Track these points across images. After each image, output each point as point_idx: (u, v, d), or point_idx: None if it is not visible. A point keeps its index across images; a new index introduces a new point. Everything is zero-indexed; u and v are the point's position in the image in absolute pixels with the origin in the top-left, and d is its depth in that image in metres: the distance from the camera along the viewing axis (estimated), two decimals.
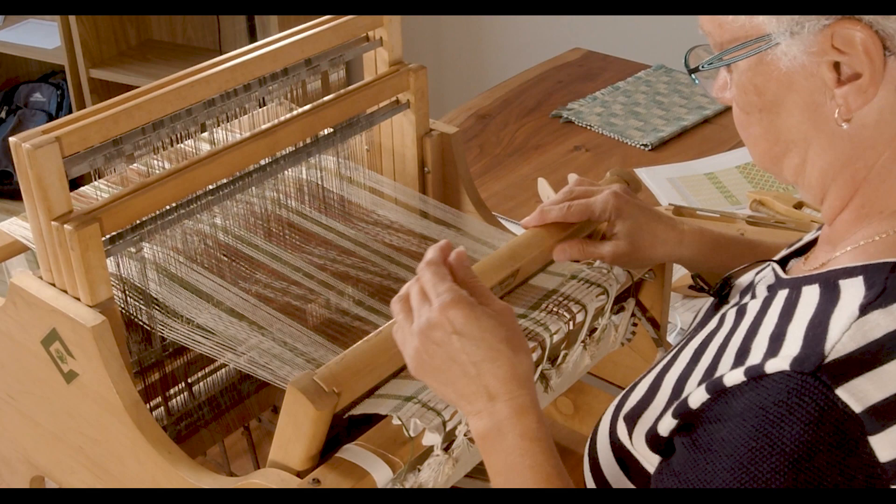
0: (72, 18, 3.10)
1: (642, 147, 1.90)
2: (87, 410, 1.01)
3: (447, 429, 0.95)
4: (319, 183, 1.18)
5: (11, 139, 0.90)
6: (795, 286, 0.74)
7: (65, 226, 0.92)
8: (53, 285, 1.00)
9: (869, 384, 0.65)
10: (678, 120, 1.98)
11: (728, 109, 1.65)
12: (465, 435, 0.98)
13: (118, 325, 0.99)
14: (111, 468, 1.03)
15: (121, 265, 1.01)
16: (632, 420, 0.85)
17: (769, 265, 0.88)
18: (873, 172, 0.75)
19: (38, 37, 3.34)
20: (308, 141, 1.13)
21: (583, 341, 1.10)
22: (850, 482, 0.65)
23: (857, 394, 0.64)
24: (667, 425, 0.78)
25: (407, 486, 0.95)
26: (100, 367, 0.96)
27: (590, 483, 0.92)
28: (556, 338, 1.06)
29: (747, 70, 0.76)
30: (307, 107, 1.13)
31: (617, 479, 0.87)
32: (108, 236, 0.96)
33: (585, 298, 1.08)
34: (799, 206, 1.60)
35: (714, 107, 2.02)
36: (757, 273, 0.91)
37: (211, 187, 1.05)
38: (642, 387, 0.87)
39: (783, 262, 0.88)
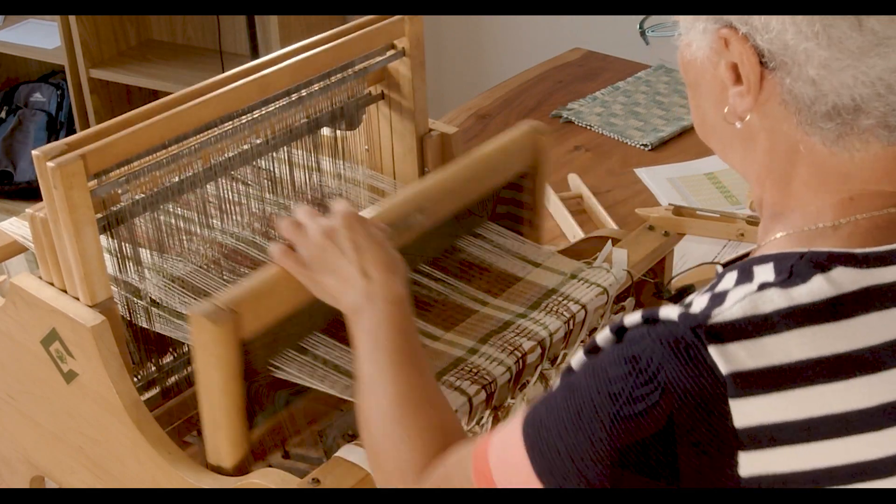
0: (72, 18, 3.10)
1: (642, 147, 1.90)
2: (86, 410, 1.01)
3: None
4: (319, 184, 1.19)
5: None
6: (722, 274, 0.74)
7: (48, 163, 0.90)
8: (53, 285, 1.00)
9: (743, 351, 0.65)
10: (678, 120, 1.98)
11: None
12: None
13: (118, 325, 0.99)
14: (111, 468, 1.03)
15: (120, 269, 1.01)
16: None
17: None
18: (774, 174, 0.76)
19: (38, 37, 3.34)
20: (303, 93, 1.12)
21: (582, 341, 1.10)
22: (696, 434, 0.65)
23: (728, 356, 0.65)
24: None
25: None
26: (99, 366, 0.96)
27: None
28: (555, 337, 1.06)
29: (678, 47, 0.79)
30: (298, 45, 1.12)
31: None
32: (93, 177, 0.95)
33: (585, 298, 1.08)
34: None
35: None
36: None
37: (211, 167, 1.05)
38: None
39: None
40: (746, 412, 0.65)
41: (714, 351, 0.65)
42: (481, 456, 0.76)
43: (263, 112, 1.10)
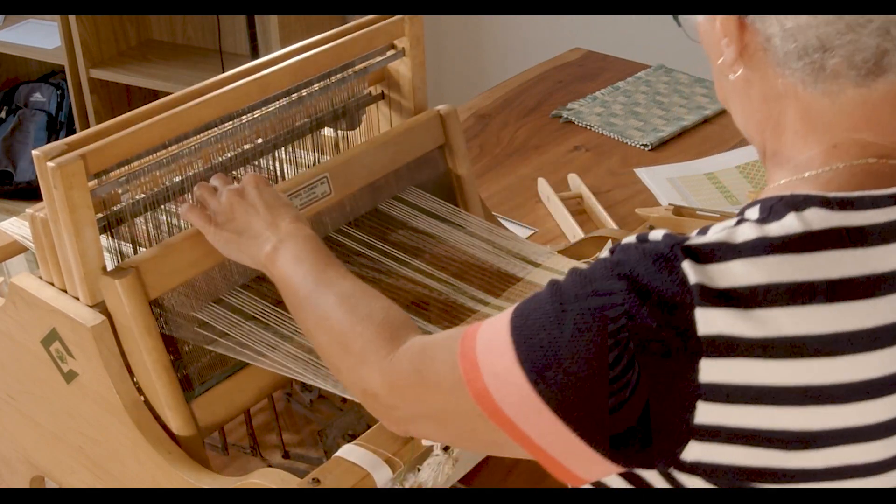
0: (72, 18, 3.10)
1: (642, 147, 1.90)
2: (87, 410, 1.01)
3: None
4: None
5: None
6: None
7: (48, 163, 0.91)
8: (53, 285, 1.00)
9: (712, 271, 0.71)
10: (678, 120, 1.98)
11: (725, 111, 1.65)
12: None
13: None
14: (111, 468, 1.03)
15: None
16: None
17: None
18: (770, 125, 0.81)
19: (38, 37, 3.34)
20: (303, 93, 1.13)
21: None
22: (662, 335, 0.70)
23: (698, 271, 0.70)
24: None
25: (407, 486, 0.95)
26: (100, 366, 0.96)
27: None
28: None
29: (699, 25, 0.84)
30: (298, 45, 1.13)
31: None
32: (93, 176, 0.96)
33: None
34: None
35: (714, 107, 2.02)
36: None
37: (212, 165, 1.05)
38: None
39: None
40: (710, 321, 0.70)
41: (686, 264, 0.71)
42: (469, 338, 0.79)
43: (263, 112, 1.10)
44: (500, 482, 1.22)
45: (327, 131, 1.19)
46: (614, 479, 0.85)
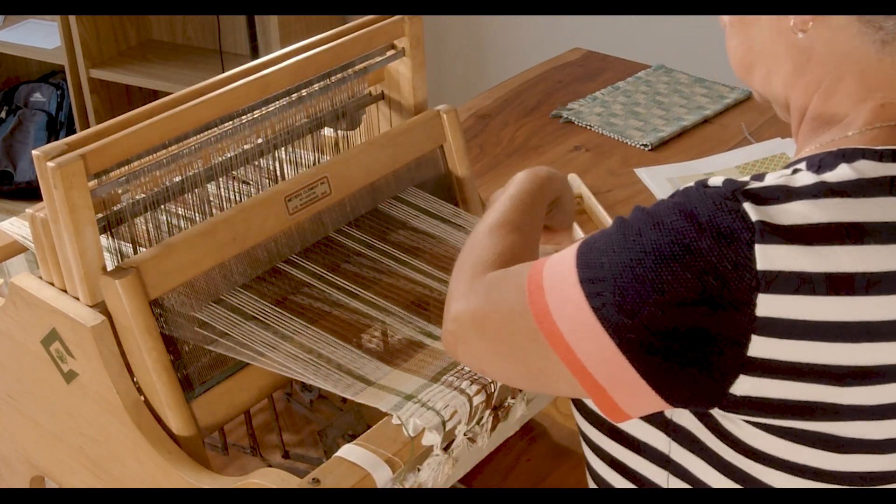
0: (72, 18, 3.10)
1: (642, 147, 1.90)
2: (87, 410, 1.01)
3: (447, 429, 0.95)
4: None
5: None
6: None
7: (48, 163, 0.91)
8: (53, 285, 1.00)
9: (772, 210, 0.74)
10: (678, 120, 1.98)
11: (725, 111, 1.65)
12: (464, 434, 0.98)
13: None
14: (111, 468, 1.03)
15: None
16: None
17: None
18: (823, 86, 0.84)
19: (38, 37, 3.34)
20: (303, 93, 1.13)
21: None
22: (722, 274, 0.72)
23: (759, 210, 0.73)
24: None
25: (407, 486, 0.95)
26: (100, 366, 0.96)
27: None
28: None
29: None
30: (298, 45, 1.13)
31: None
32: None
33: None
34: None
35: (714, 107, 2.02)
36: None
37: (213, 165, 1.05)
38: None
39: None
40: (769, 256, 0.72)
41: (748, 205, 0.74)
42: (538, 266, 0.82)
43: (263, 112, 1.10)
44: (500, 482, 1.22)
45: (327, 131, 1.19)
46: (647, 431, 0.86)
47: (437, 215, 1.20)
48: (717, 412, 0.79)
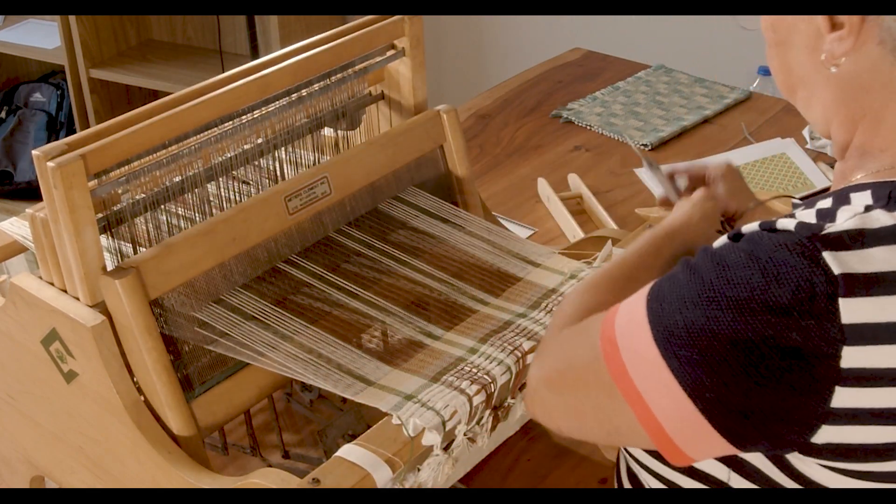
0: (72, 18, 3.10)
1: (642, 147, 1.90)
2: (87, 410, 1.01)
3: (446, 429, 0.95)
4: None
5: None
6: (811, 203, 0.81)
7: (48, 163, 0.91)
8: (53, 285, 1.00)
9: (853, 258, 0.72)
10: (678, 120, 1.98)
11: (725, 111, 1.65)
12: (464, 435, 0.98)
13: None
14: (111, 468, 1.03)
15: None
16: None
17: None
18: (870, 114, 0.82)
19: (38, 37, 3.34)
20: (303, 93, 1.13)
21: None
22: (805, 330, 0.70)
23: (840, 259, 0.71)
24: None
25: (407, 485, 0.95)
26: (100, 366, 0.96)
27: None
28: None
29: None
30: (298, 45, 1.13)
31: None
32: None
33: None
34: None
35: (714, 107, 2.02)
36: None
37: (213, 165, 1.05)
38: None
39: None
40: (854, 309, 0.71)
41: (828, 255, 0.71)
42: (609, 321, 0.81)
43: (263, 112, 1.10)
44: (500, 482, 1.22)
45: (327, 131, 1.19)
46: (713, 465, 0.86)
47: (437, 215, 1.20)
48: (791, 455, 0.79)
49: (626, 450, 0.96)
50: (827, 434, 0.74)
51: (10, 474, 1.18)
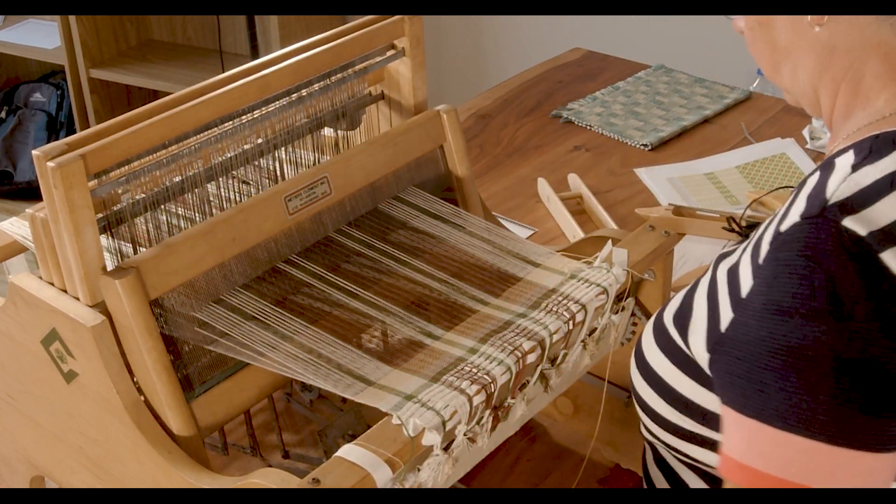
0: (72, 18, 3.10)
1: (642, 147, 1.90)
2: (87, 410, 1.01)
3: (446, 429, 0.95)
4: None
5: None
6: (801, 183, 0.83)
7: (48, 163, 0.91)
8: (53, 285, 1.00)
9: (868, 216, 0.74)
10: (678, 120, 1.98)
11: (725, 111, 1.65)
12: (464, 434, 0.98)
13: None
14: (111, 468, 1.03)
15: None
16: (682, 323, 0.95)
17: None
18: (850, 73, 0.85)
19: (38, 37, 3.34)
20: (303, 93, 1.13)
21: (582, 341, 1.10)
22: (877, 296, 0.73)
23: (861, 221, 0.74)
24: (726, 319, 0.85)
25: (407, 486, 0.95)
26: (100, 366, 0.96)
27: (638, 382, 1.01)
28: (555, 337, 1.06)
29: None
30: (298, 45, 1.13)
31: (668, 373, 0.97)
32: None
33: (585, 298, 1.08)
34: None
35: (714, 107, 2.02)
36: None
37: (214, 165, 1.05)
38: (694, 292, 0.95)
39: None
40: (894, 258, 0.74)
41: (848, 222, 0.75)
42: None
43: (263, 112, 1.10)
44: (500, 482, 1.22)
45: (327, 131, 1.19)
46: None
47: (437, 215, 1.20)
48: None
49: (652, 435, 0.97)
50: None
51: (10, 474, 1.18)
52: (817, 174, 0.82)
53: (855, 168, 0.78)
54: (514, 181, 1.80)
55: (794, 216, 0.77)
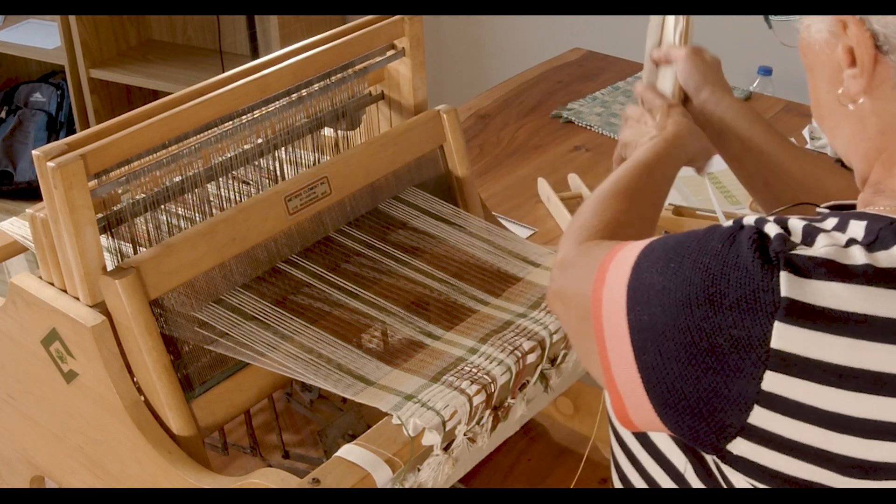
0: (72, 18, 3.10)
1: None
2: (87, 410, 1.01)
3: (446, 429, 0.95)
4: None
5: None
6: (825, 215, 0.79)
7: (48, 163, 0.91)
8: (53, 285, 1.00)
9: (812, 288, 0.70)
10: None
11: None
12: (464, 434, 0.98)
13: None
14: (111, 468, 1.03)
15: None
16: None
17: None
18: (885, 154, 0.80)
19: (38, 37, 3.34)
20: (303, 93, 1.13)
21: None
22: (735, 339, 0.70)
23: (794, 285, 0.69)
24: None
25: (407, 485, 0.95)
26: (100, 366, 0.96)
27: None
28: (555, 337, 1.06)
29: (799, 31, 0.83)
30: (298, 45, 1.14)
31: None
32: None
33: None
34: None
35: None
36: None
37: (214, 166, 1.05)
38: None
39: None
40: (786, 336, 0.69)
41: (784, 275, 0.70)
42: (612, 253, 0.82)
43: (263, 112, 1.10)
44: (501, 482, 1.22)
45: (327, 131, 1.19)
46: (670, 446, 0.87)
47: (437, 215, 1.20)
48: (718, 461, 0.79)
49: (610, 424, 0.97)
50: (742, 448, 0.73)
51: (10, 474, 1.18)
52: (834, 220, 0.77)
53: (848, 244, 0.73)
54: (514, 181, 1.80)
55: (773, 228, 0.74)
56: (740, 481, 0.78)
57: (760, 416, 0.71)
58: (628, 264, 0.78)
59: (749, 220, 0.77)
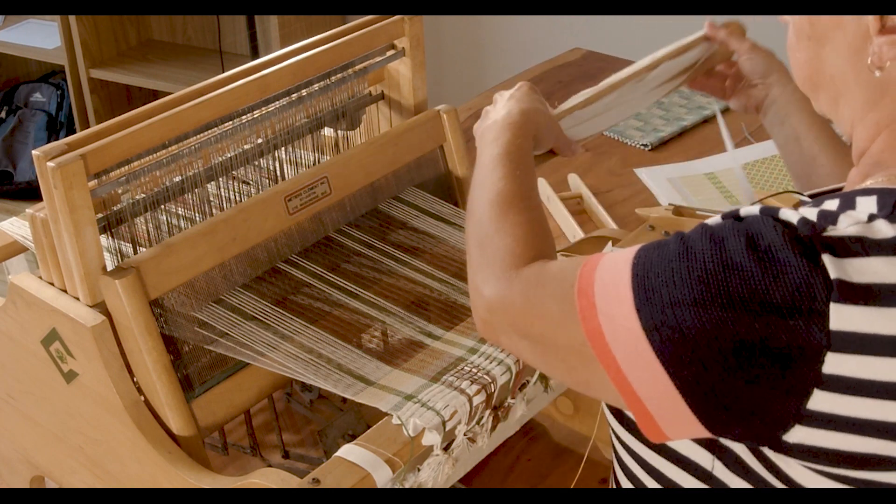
0: (72, 18, 3.10)
1: (642, 147, 1.90)
2: (87, 410, 1.01)
3: (447, 429, 0.95)
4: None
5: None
6: (818, 202, 0.79)
7: (48, 163, 0.91)
8: (53, 285, 1.00)
9: (853, 266, 0.70)
10: (678, 120, 1.98)
11: (727, 110, 1.65)
12: (464, 434, 0.98)
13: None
14: (111, 468, 1.03)
15: None
16: None
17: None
18: (895, 123, 0.81)
19: (38, 37, 3.34)
20: (303, 93, 1.13)
21: None
22: (792, 330, 0.69)
23: (837, 266, 0.70)
24: None
25: (407, 486, 0.95)
26: (100, 366, 0.96)
27: None
28: None
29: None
30: (298, 45, 1.14)
31: None
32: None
33: None
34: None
35: (714, 107, 2.02)
36: None
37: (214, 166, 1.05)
38: None
39: None
40: (844, 317, 0.69)
41: (827, 258, 0.70)
42: (587, 276, 0.79)
43: (263, 112, 1.10)
44: (501, 482, 1.22)
45: (327, 131, 1.19)
46: (691, 448, 0.86)
47: (437, 215, 1.20)
48: (767, 450, 0.78)
49: (611, 429, 0.96)
50: (800, 434, 0.73)
51: (10, 474, 1.18)
52: (836, 202, 0.78)
53: (871, 218, 0.73)
54: None
55: (791, 214, 0.74)
56: (796, 468, 0.77)
57: (820, 400, 0.71)
58: (623, 287, 0.76)
59: (749, 210, 0.76)
